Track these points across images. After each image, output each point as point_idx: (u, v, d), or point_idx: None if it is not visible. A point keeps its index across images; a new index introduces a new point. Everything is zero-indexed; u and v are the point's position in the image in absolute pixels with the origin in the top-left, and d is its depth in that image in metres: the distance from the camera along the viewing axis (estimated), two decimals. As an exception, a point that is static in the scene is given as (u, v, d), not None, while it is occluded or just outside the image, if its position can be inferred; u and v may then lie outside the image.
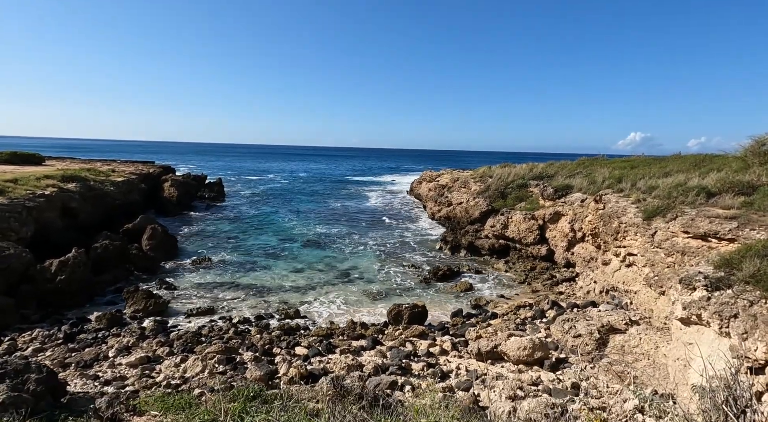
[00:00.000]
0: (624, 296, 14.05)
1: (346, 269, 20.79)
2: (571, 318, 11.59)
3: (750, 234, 9.47)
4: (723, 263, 7.49)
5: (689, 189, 13.63)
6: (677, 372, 7.54)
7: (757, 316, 5.97)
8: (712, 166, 16.75)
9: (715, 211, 11.55)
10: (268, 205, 40.23)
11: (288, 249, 24.24)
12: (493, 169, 34.27)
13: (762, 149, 14.88)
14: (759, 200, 11.10)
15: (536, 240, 22.18)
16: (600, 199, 17.84)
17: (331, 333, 13.41)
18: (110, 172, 31.01)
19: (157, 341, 12.07)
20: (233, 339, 12.51)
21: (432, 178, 44.27)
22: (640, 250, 13.45)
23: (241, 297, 16.87)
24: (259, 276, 19.45)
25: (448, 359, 10.99)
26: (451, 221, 29.09)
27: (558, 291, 17.55)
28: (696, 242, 11.16)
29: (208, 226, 29.32)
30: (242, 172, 79.74)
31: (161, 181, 35.66)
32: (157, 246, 21.30)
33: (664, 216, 12.78)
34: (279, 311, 15.38)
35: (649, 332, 9.69)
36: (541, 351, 10.12)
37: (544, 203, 23.20)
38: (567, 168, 27.18)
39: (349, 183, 68.12)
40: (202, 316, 14.77)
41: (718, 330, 6.54)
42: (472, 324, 13.90)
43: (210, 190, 42.96)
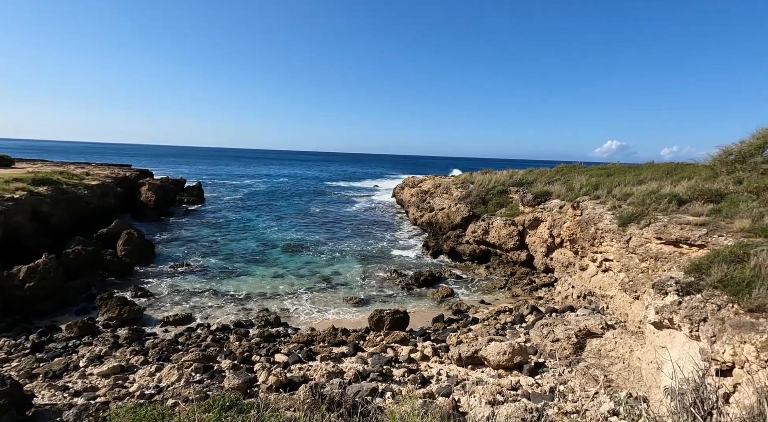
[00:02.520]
0: (601, 301, 14.36)
1: (327, 275, 20.65)
2: (549, 323, 11.76)
3: (718, 240, 9.81)
4: (693, 269, 7.73)
5: (662, 196, 14.06)
6: (650, 374, 7.72)
7: (725, 320, 6.17)
8: (683, 175, 17.33)
9: (686, 217, 11.95)
10: (248, 209, 39.69)
11: (269, 254, 23.94)
12: (474, 176, 34.67)
13: (728, 159, 15.48)
14: (726, 208, 11.54)
15: (516, 246, 22.50)
16: (577, 205, 18.24)
17: (311, 339, 13.27)
18: (84, 176, 30.11)
19: (132, 350, 11.73)
20: (211, 347, 12.27)
21: (414, 183, 44.51)
22: (616, 256, 13.79)
23: (220, 303, 16.57)
24: (239, 282, 19.13)
25: (429, 364, 11.00)
26: (433, 226, 29.26)
27: (537, 296, 17.82)
28: (668, 248, 11.50)
29: (187, 231, 28.73)
30: (222, 176, 78.59)
31: (138, 184, 34.81)
32: (133, 251, 20.77)
33: (639, 223, 13.14)
34: (259, 318, 15.15)
35: (624, 336, 9.91)
36: (521, 356, 10.24)
37: (524, 209, 23.58)
38: (546, 175, 27.69)
39: (331, 188, 67.86)
40: (180, 324, 14.42)
41: (688, 333, 6.73)
42: (453, 330, 13.97)
43: (189, 194, 42.16)
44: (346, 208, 44.31)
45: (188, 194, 42.09)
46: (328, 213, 39.64)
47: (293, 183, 73.55)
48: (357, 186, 74.09)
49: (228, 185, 62.00)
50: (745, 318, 5.98)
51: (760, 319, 5.80)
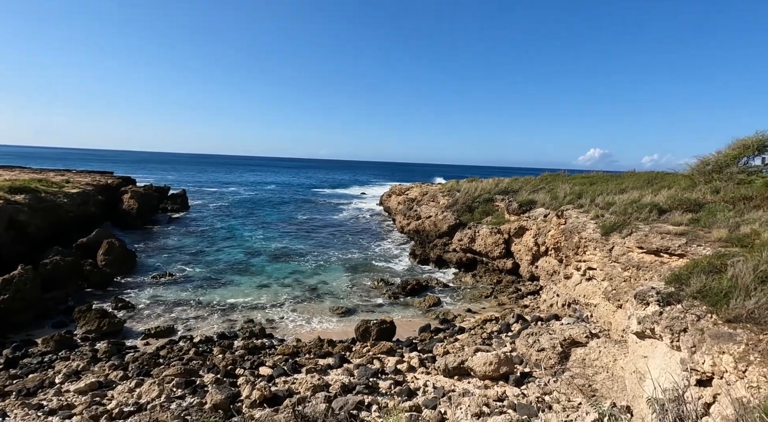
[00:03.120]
0: (585, 309, 14.52)
1: (314, 284, 20.48)
2: (535, 332, 11.83)
3: (697, 250, 10.04)
4: (673, 279, 7.87)
5: (643, 206, 14.35)
6: (634, 384, 7.81)
7: (704, 330, 6.29)
8: (664, 184, 17.74)
9: (666, 227, 12.20)
10: (234, 217, 39.25)
11: (254, 263, 23.65)
12: (460, 183, 34.93)
13: (706, 169, 15.91)
14: (705, 217, 11.83)
15: (502, 254, 22.67)
16: (562, 214, 18.50)
17: (297, 351, 13.11)
18: (64, 183, 29.41)
19: (111, 364, 11.41)
20: (194, 360, 12.01)
21: (401, 191, 44.62)
22: (599, 265, 13.99)
23: (203, 315, 16.27)
24: (224, 292, 18.84)
25: (416, 376, 10.94)
26: (420, 234, 29.32)
27: (523, 304, 17.94)
28: (650, 257, 11.72)
29: (171, 240, 28.24)
30: (208, 183, 77.66)
31: (120, 192, 34.14)
32: (114, 261, 20.31)
33: (621, 232, 13.37)
34: (243, 329, 14.92)
35: (608, 345, 10.03)
36: (507, 366, 10.26)
37: (510, 217, 23.81)
38: (531, 183, 28.06)
39: (318, 195, 67.61)
40: (161, 336, 14.11)
41: (669, 343, 6.84)
42: (439, 340, 13.95)
43: (173, 202, 41.51)
44: (332, 215, 44.16)
45: (172, 202, 41.43)
46: (315, 221, 39.43)
47: (280, 190, 73.08)
48: (344, 193, 74.00)
49: (214, 193, 61.27)
50: (723, 329, 6.10)
51: (737, 330, 5.92)
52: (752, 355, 5.38)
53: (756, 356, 5.34)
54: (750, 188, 13.23)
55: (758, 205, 11.72)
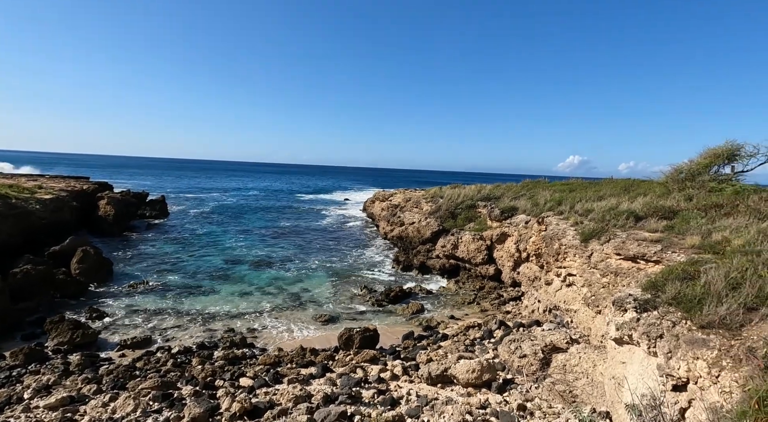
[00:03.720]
0: (565, 315, 14.73)
1: (296, 292, 20.26)
2: (517, 339, 11.93)
3: (672, 256, 10.32)
4: (650, 285, 8.06)
5: (620, 213, 14.70)
6: (613, 390, 7.93)
7: (679, 336, 6.44)
8: (640, 191, 18.23)
9: (642, 234, 12.52)
10: (215, 224, 38.60)
11: (235, 271, 23.27)
12: (443, 190, 35.19)
13: (679, 177, 16.43)
14: (679, 224, 12.18)
15: (485, 261, 22.87)
16: (542, 221, 18.79)
17: (279, 361, 12.91)
18: (36, 189, 28.48)
19: (84, 378, 11.01)
20: (171, 372, 11.71)
21: (385, 197, 44.70)
22: (579, 271, 14.23)
23: (182, 324, 15.89)
24: (203, 301, 18.45)
25: (399, 384, 10.88)
26: (404, 241, 29.37)
27: (505, 310, 18.10)
28: (627, 263, 11.99)
29: (149, 247, 27.57)
30: (189, 189, 76.26)
31: (96, 198, 33.20)
32: (89, 269, 19.69)
33: (599, 239, 13.66)
34: (224, 339, 14.62)
35: (588, 351, 10.18)
36: (489, 373, 10.31)
37: (492, 224, 24.07)
38: (512, 190, 28.47)
39: (301, 201, 67.14)
40: (138, 347, 13.72)
41: (647, 349, 6.98)
42: (423, 347, 13.94)
43: (152, 208, 40.58)
44: (315, 221, 43.87)
45: (151, 208, 40.50)
46: (298, 228, 39.10)
47: (262, 196, 72.30)
48: (327, 199, 73.68)
49: (194, 198, 60.16)
50: (697, 335, 6.26)
51: (710, 335, 6.09)
52: (725, 361, 5.53)
53: (728, 361, 5.49)
54: (720, 196, 13.71)
55: (728, 212, 12.14)
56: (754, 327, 5.89)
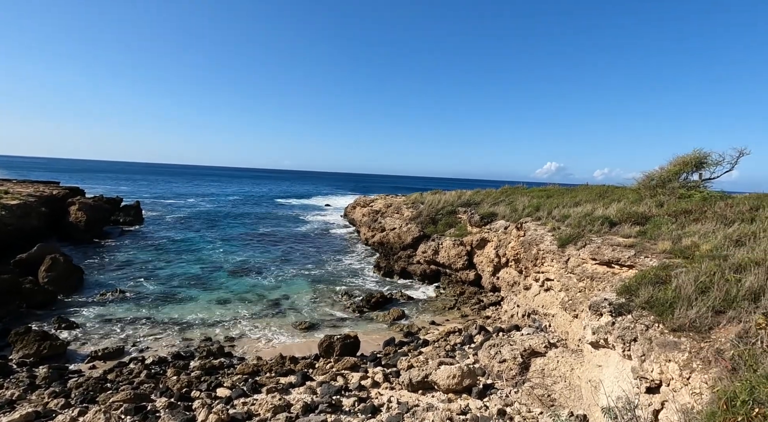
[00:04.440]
0: (544, 319, 14.97)
1: (276, 299, 19.96)
2: (496, 343, 12.05)
3: (645, 261, 10.63)
4: (624, 290, 8.27)
5: (595, 218, 15.08)
6: (589, 393, 8.08)
7: (652, 339, 6.62)
8: (614, 197, 18.76)
9: (616, 239, 12.86)
10: (192, 230, 37.76)
11: (213, 278, 22.79)
12: (424, 196, 35.40)
13: (651, 183, 16.97)
14: (651, 230, 12.57)
15: (465, 266, 23.06)
16: (521, 226, 19.10)
17: (257, 370, 12.66)
18: (2, 194, 27.32)
19: (51, 392, 10.55)
20: (145, 384, 11.34)
21: (366, 203, 44.65)
22: (556, 276, 14.50)
23: (157, 334, 15.43)
24: (180, 309, 17.98)
25: (380, 391, 10.82)
26: (385, 246, 29.35)
27: (485, 315, 18.26)
28: (602, 268, 12.28)
29: (122, 255, 26.73)
30: (165, 195, 74.46)
31: (67, 204, 32.05)
32: (58, 278, 18.95)
33: (576, 244, 13.96)
34: (200, 348, 14.27)
35: (566, 355, 10.35)
36: (470, 379, 10.36)
37: (472, 230, 24.32)
38: (492, 196, 28.86)
39: (281, 206, 66.42)
40: (109, 358, 13.24)
41: (621, 353, 7.15)
42: (404, 353, 13.91)
43: (126, 214, 39.41)
44: (296, 227, 43.44)
45: (125, 214, 39.33)
46: (278, 234, 38.63)
47: (242, 201, 71.20)
48: (307, 204, 73.12)
49: (171, 204, 58.74)
50: (669, 338, 6.45)
51: (681, 338, 6.28)
52: (695, 363, 5.71)
53: (698, 363, 5.67)
54: (689, 202, 14.23)
55: (697, 218, 12.60)
56: (722, 330, 6.10)
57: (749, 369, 4.71)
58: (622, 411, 6.06)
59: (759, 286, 6.54)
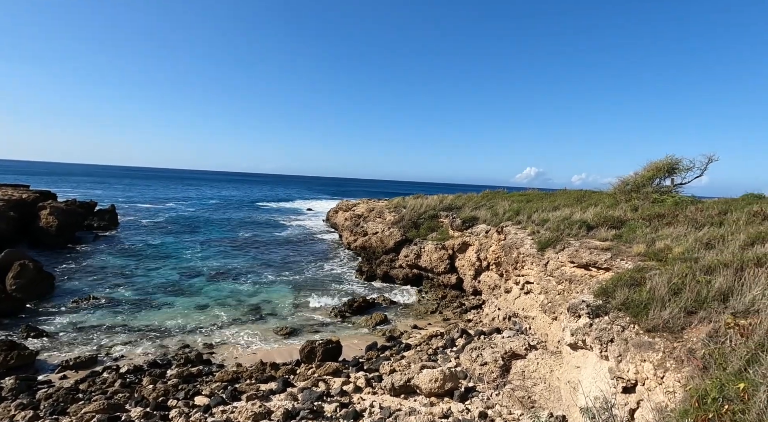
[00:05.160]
0: (524, 322, 15.17)
1: (256, 304, 19.66)
2: (478, 347, 12.14)
3: (620, 264, 10.91)
4: (601, 292, 8.47)
5: (573, 222, 15.40)
6: (568, 394, 8.22)
7: (628, 340, 6.79)
8: (591, 201, 19.22)
9: (594, 242, 13.16)
10: (170, 234, 36.90)
11: (191, 284, 22.31)
12: (406, 200, 35.53)
13: (626, 188, 17.49)
14: (626, 233, 12.92)
15: (447, 270, 23.21)
16: (501, 230, 19.36)
17: (237, 376, 12.43)
18: (-32, 197, 26.18)
19: (18, 404, 10.12)
20: (120, 393, 10.98)
21: (348, 207, 44.53)
22: (536, 279, 14.73)
23: (132, 341, 14.99)
24: (156, 315, 17.52)
25: (362, 396, 10.76)
26: (367, 251, 29.31)
27: (467, 318, 18.39)
28: (580, 271, 12.54)
29: (96, 260, 25.92)
30: (143, 199, 72.62)
31: (38, 208, 30.91)
32: (27, 285, 18.22)
33: (555, 248, 14.22)
34: (178, 356, 13.92)
35: (545, 356, 10.51)
36: (452, 382, 10.40)
37: (454, 234, 24.52)
38: (473, 200, 29.19)
39: (263, 210, 65.59)
40: (82, 368, 12.79)
41: (599, 354, 7.30)
42: (386, 358, 13.87)
43: (100, 218, 38.24)
44: (277, 232, 42.96)
45: (99, 218, 38.15)
46: (258, 238, 38.12)
47: (222, 205, 70.02)
48: (289, 208, 72.44)
49: (148, 208, 57.29)
50: (644, 338, 6.62)
51: (656, 339, 6.45)
52: (668, 362, 5.88)
53: (671, 363, 5.84)
54: (662, 206, 14.70)
55: (669, 221, 13.02)
56: (694, 330, 6.30)
57: (719, 367, 4.88)
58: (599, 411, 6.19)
59: (727, 287, 6.78)
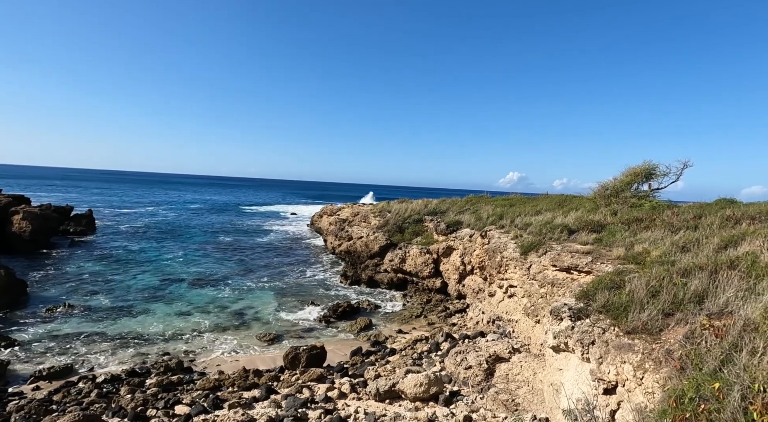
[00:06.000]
0: (508, 325, 15.31)
1: (239, 310, 19.36)
2: (462, 350, 12.20)
3: (601, 267, 11.12)
4: (582, 295, 8.62)
5: (555, 226, 15.66)
6: (551, 396, 8.31)
7: (609, 342, 6.91)
8: (572, 206, 19.59)
9: (575, 246, 13.39)
10: (150, 240, 36.11)
11: (172, 290, 21.84)
12: (391, 204, 35.57)
13: (606, 193, 17.87)
14: (606, 237, 13.20)
15: (431, 274, 23.29)
16: (485, 234, 19.55)
17: (219, 384, 12.20)
18: (-64, 202, 25.17)
19: (-13, 416, 9.71)
20: (96, 404, 10.67)
21: (333, 211, 44.31)
22: (519, 282, 14.91)
23: (109, 350, 14.59)
24: (135, 323, 17.09)
25: (347, 402, 10.67)
26: (352, 255, 29.20)
27: (452, 322, 18.46)
28: (562, 274, 12.74)
29: (72, 267, 25.18)
30: (122, 203, 70.95)
31: (10, 213, 29.91)
32: (-2, 293, 17.56)
33: (537, 251, 14.43)
34: (158, 364, 13.58)
35: (529, 359, 10.62)
36: (437, 386, 10.41)
37: (438, 238, 24.65)
38: (457, 204, 29.42)
39: (245, 215, 64.81)
40: (56, 378, 12.38)
41: (581, 356, 7.41)
42: (371, 363, 13.81)
43: (77, 223, 37.23)
44: (260, 237, 42.49)
45: (76, 223, 37.14)
46: (241, 243, 37.62)
47: (205, 209, 68.95)
48: (273, 213, 71.75)
49: (128, 213, 55.99)
50: (624, 340, 6.75)
51: (635, 340, 6.59)
52: (647, 363, 6.00)
53: (650, 364, 5.96)
54: (640, 211, 15.07)
55: (647, 226, 13.35)
56: (671, 331, 6.46)
57: (695, 367, 5.01)
58: (581, 412, 6.28)
59: (703, 289, 6.98)
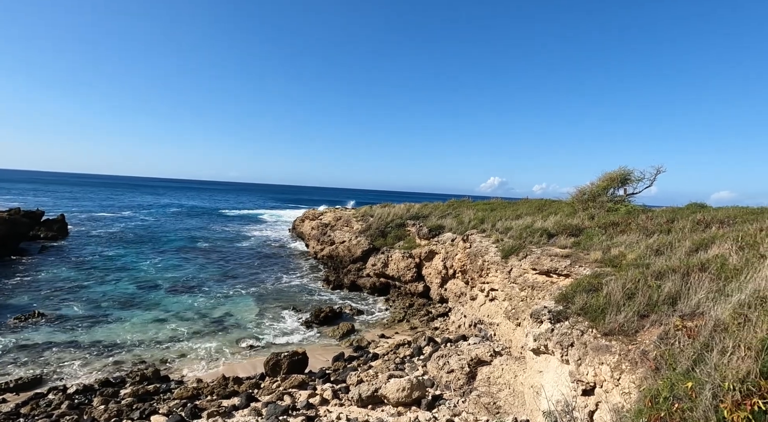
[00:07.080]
0: (489, 328, 15.45)
1: (218, 316, 18.98)
2: (444, 354, 12.24)
3: (579, 270, 11.36)
4: (561, 298, 8.78)
5: (535, 230, 15.94)
6: (532, 399, 8.41)
7: (587, 344, 7.05)
8: (551, 210, 19.98)
9: (554, 250, 13.65)
10: (126, 245, 35.10)
11: (149, 296, 21.26)
12: (374, 209, 35.59)
13: (583, 197, 18.32)
14: (584, 241, 13.50)
15: (414, 278, 23.35)
16: (467, 238, 19.73)
17: (198, 393, 11.91)
18: None
19: (-51, 431, 9.23)
20: (67, 416, 10.28)
21: (315, 216, 44.02)
22: (500, 286, 15.08)
23: (82, 359, 14.08)
24: (110, 331, 16.55)
25: (329, 409, 10.56)
26: (334, 260, 29.05)
27: (434, 326, 18.51)
28: (542, 277, 12.95)
29: (43, 273, 24.25)
30: (96, 207, 68.84)
31: (-24, 217, 28.69)
32: (-38, 301, 16.77)
33: (518, 255, 14.64)
34: (133, 373, 13.17)
35: (510, 362, 10.73)
36: (419, 391, 10.40)
37: (420, 242, 24.75)
38: (439, 209, 29.64)
39: (226, 219, 63.74)
40: (24, 389, 11.88)
41: (560, 358, 7.53)
42: (353, 368, 13.71)
43: (48, 228, 35.93)
44: (241, 241, 41.82)
45: (47, 228, 35.83)
46: (222, 248, 36.96)
47: (182, 213, 67.49)
48: (254, 217, 70.77)
49: (102, 217, 54.35)
50: (602, 342, 6.89)
51: (612, 342, 6.74)
52: (624, 364, 6.14)
53: (627, 365, 6.10)
54: (616, 215, 15.48)
55: (623, 229, 13.72)
56: (647, 332, 6.63)
57: (669, 367, 5.15)
58: (561, 414, 6.37)
59: (676, 291, 7.19)
